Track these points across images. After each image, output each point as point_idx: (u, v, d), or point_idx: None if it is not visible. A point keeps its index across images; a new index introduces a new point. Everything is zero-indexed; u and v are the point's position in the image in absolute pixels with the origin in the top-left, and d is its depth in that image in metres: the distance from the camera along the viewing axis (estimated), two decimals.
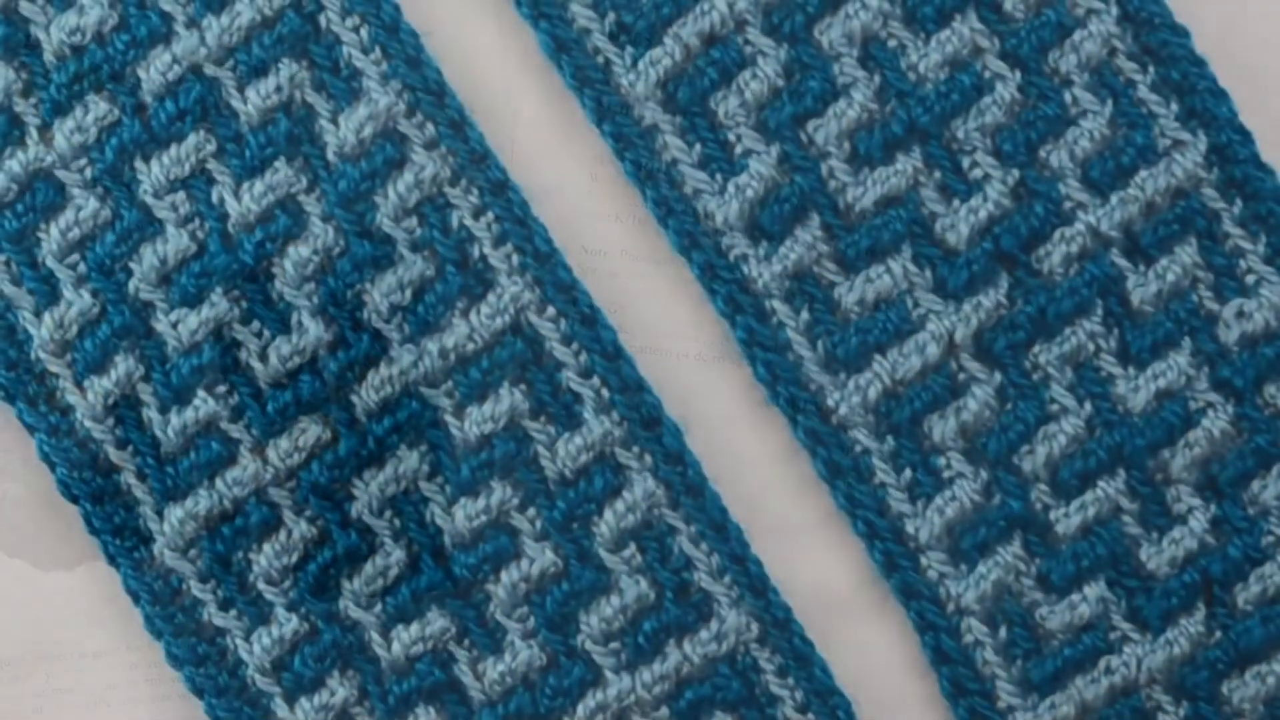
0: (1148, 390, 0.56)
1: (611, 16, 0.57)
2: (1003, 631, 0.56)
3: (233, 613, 0.56)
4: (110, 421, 0.56)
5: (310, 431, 0.55)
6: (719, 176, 0.57)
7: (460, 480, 0.55)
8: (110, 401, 0.56)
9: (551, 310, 0.56)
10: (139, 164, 0.56)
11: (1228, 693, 0.55)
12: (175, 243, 0.56)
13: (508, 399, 0.56)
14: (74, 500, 0.56)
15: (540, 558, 0.55)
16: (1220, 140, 0.56)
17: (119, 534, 0.55)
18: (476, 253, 0.56)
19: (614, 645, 0.55)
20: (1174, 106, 0.57)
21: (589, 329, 0.56)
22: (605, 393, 0.56)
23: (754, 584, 0.55)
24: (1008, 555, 0.56)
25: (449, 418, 0.56)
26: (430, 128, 0.56)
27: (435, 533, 0.55)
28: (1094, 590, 0.56)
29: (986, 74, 0.56)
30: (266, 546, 0.55)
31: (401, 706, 0.55)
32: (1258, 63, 0.58)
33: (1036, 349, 0.56)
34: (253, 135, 0.56)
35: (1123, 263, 0.56)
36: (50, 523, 0.57)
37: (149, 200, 0.56)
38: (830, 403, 0.56)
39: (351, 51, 0.56)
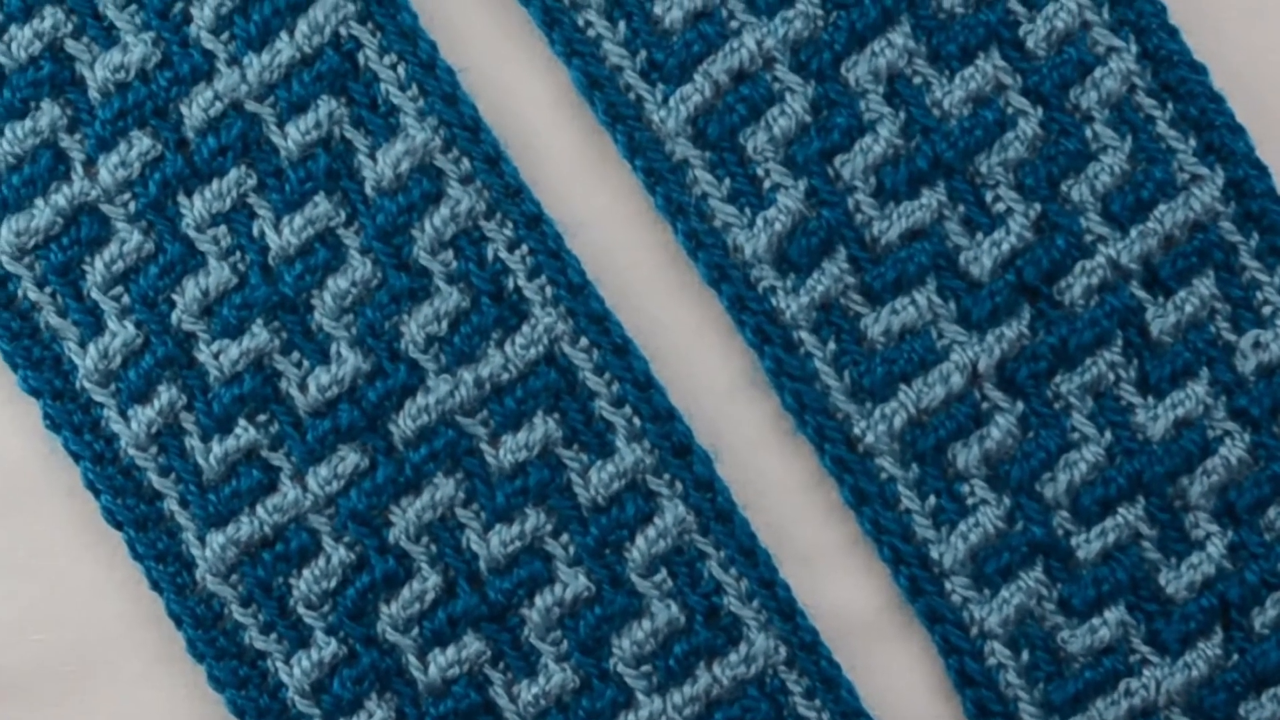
0: (1167, 419, 0.56)
1: (643, 54, 0.57)
2: (1025, 654, 0.56)
3: (273, 636, 0.55)
4: (153, 450, 0.56)
5: (349, 459, 0.55)
6: (748, 210, 0.57)
7: (495, 507, 0.55)
8: (153, 430, 0.55)
9: (584, 341, 0.56)
10: (181, 198, 0.56)
11: (1245, 714, 0.55)
12: (217, 275, 0.56)
13: (541, 427, 0.56)
14: (118, 527, 0.56)
15: (573, 582, 0.55)
16: (1238, 175, 0.56)
17: (162, 560, 0.55)
18: (511, 285, 0.56)
19: (645, 668, 0.55)
20: (1192, 142, 0.56)
21: (621, 359, 0.56)
22: (637, 421, 0.56)
23: (782, 608, 0.55)
24: (1030, 580, 0.56)
25: (484, 446, 0.56)
26: (466, 163, 0.56)
27: (471, 558, 0.56)
28: (1114, 614, 0.56)
29: (1009, 110, 0.56)
30: (306, 572, 0.55)
31: None
32: (1275, 99, 0.58)
33: (1058, 379, 0.56)
34: (293, 170, 0.56)
35: (1142, 294, 0.56)
36: (95, 548, 0.57)
37: (191, 233, 0.56)
38: (856, 431, 0.56)
39: (389, 88, 0.56)
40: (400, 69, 0.56)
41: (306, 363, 0.56)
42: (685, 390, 0.57)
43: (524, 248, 0.56)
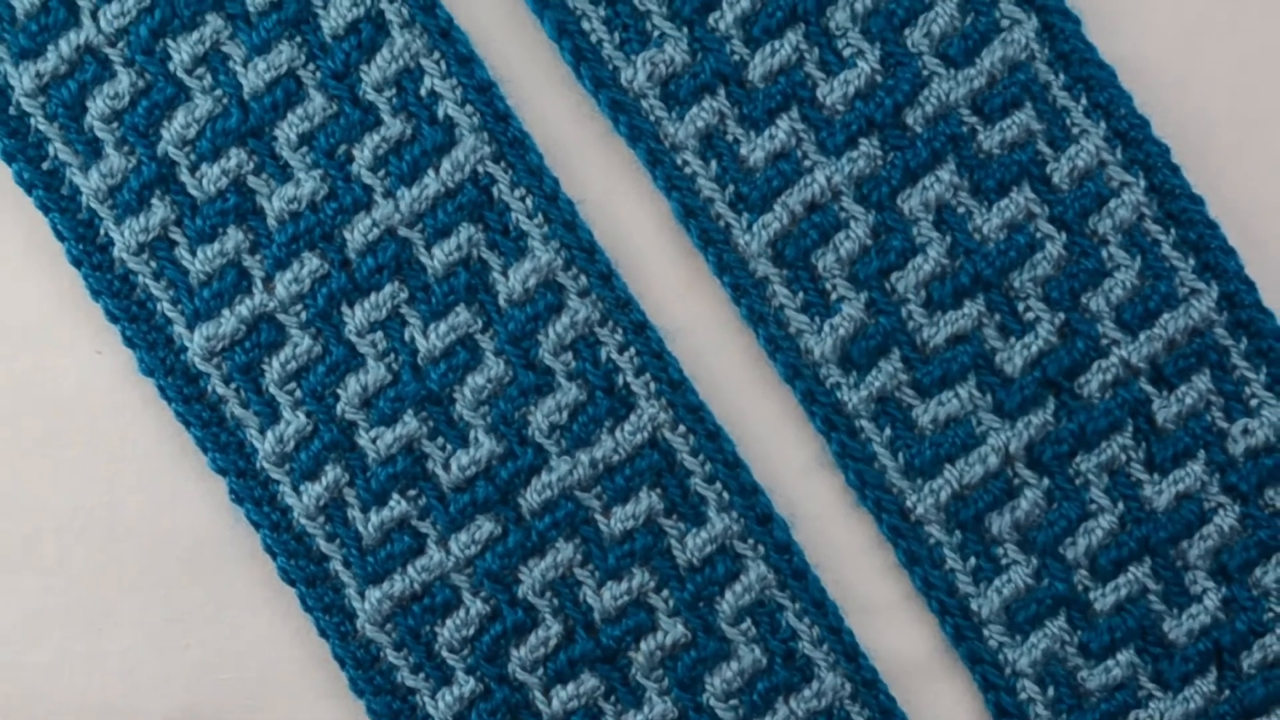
0: (1169, 493, 0.59)
1: (731, 188, 0.59)
2: (1050, 690, 0.59)
3: (421, 675, 0.58)
4: (321, 519, 0.58)
5: (485, 527, 0.58)
6: (817, 318, 0.59)
7: (607, 567, 0.58)
8: (321, 503, 0.59)
9: (682, 428, 0.59)
10: (345, 309, 0.59)
11: None
12: (374, 373, 0.58)
13: (646, 500, 0.58)
14: (291, 584, 0.59)
15: (673, 630, 0.58)
16: (1229, 289, 0.59)
17: (328, 612, 0.58)
18: (621, 381, 0.59)
19: (733, 702, 0.59)
20: (1191, 261, 0.59)
21: (713, 443, 0.59)
22: (726, 495, 0.59)
23: (847, 651, 0.59)
24: (1055, 628, 0.59)
25: (598, 516, 0.59)
26: (583, 279, 0.59)
27: (587, 610, 0.59)
28: (1125, 656, 0.59)
29: (1038, 234, 0.59)
30: (449, 621, 0.58)
31: None
32: (1261, 226, 0.60)
33: (1078, 459, 0.59)
34: (438, 285, 0.58)
35: (1149, 389, 0.59)
36: (272, 603, 0.60)
37: (353, 338, 0.58)
38: (909, 504, 0.59)
39: (519, 217, 0.59)
40: (528, 200, 0.59)
41: (449, 446, 0.58)
42: (766, 468, 0.60)
43: (632, 350, 0.59)
